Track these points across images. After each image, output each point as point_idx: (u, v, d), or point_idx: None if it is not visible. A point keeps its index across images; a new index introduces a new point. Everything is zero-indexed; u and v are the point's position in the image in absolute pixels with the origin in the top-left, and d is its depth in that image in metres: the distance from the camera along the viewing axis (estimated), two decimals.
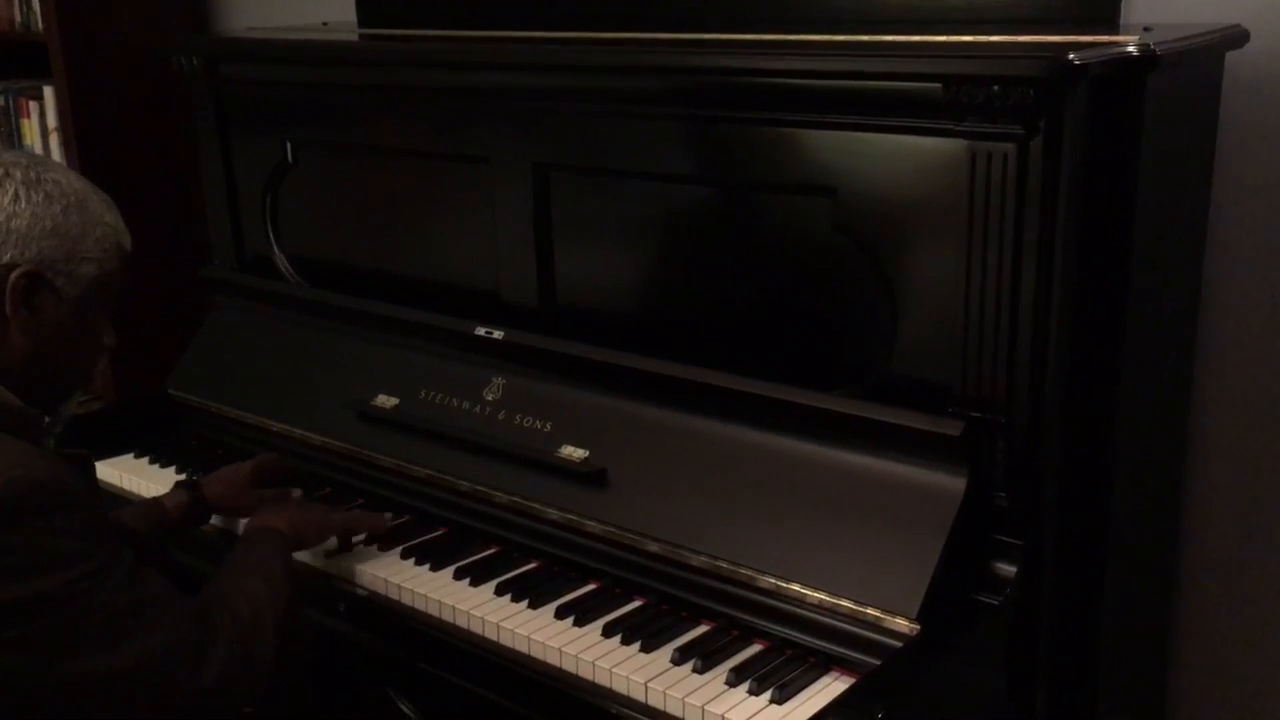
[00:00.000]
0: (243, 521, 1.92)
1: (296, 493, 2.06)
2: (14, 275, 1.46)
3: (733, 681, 1.54)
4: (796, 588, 1.61)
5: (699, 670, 1.56)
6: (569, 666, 1.61)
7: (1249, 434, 2.06)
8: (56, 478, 1.40)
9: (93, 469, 1.62)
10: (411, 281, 2.21)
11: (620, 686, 1.57)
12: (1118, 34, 1.69)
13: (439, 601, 1.75)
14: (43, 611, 1.38)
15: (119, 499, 2.18)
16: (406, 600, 1.78)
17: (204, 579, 1.66)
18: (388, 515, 1.99)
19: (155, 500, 1.96)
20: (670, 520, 1.73)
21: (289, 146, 2.33)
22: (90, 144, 3.06)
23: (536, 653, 1.65)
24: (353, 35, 2.51)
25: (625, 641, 1.63)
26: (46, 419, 1.60)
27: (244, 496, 1.98)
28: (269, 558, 1.70)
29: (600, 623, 1.67)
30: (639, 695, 1.55)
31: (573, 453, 1.85)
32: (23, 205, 1.46)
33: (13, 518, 1.36)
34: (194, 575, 1.75)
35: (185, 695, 1.48)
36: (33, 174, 1.48)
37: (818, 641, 1.59)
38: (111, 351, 1.64)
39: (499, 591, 1.76)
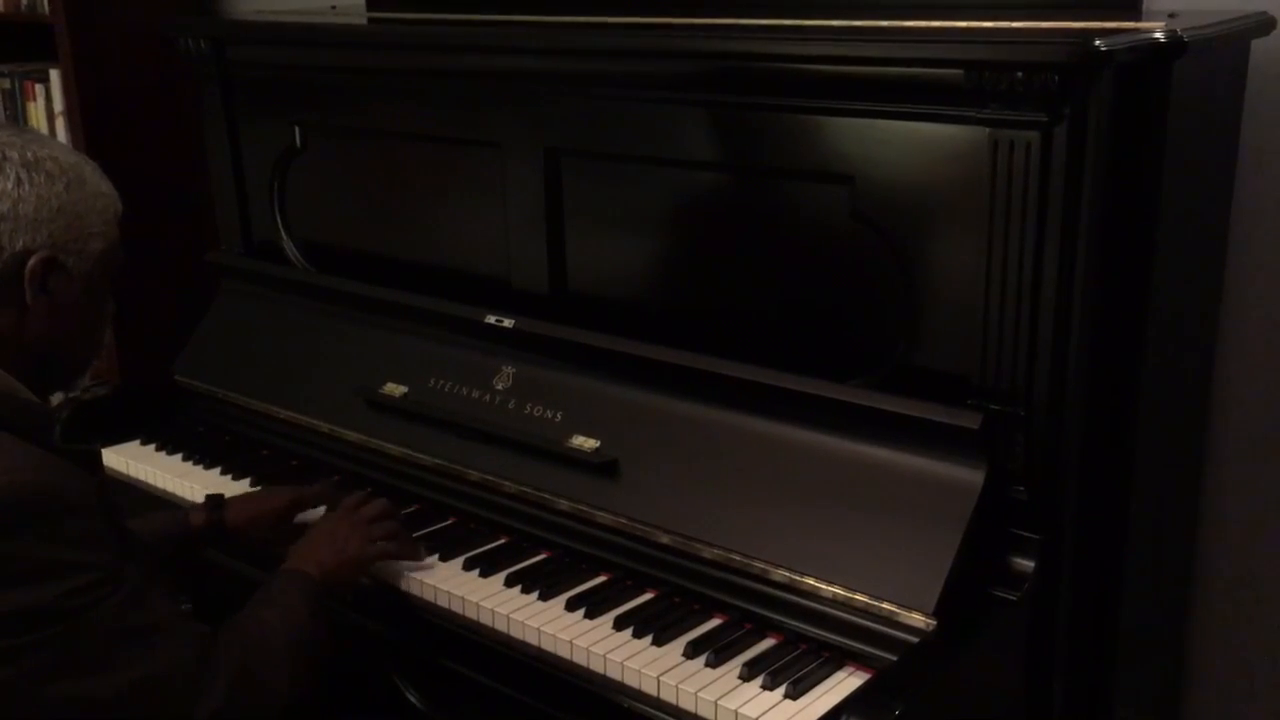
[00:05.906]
0: None
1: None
2: (31, 262, 1.41)
3: (746, 676, 1.52)
4: (811, 581, 1.59)
5: (712, 664, 1.54)
6: (580, 659, 1.60)
7: (1272, 428, 2.03)
8: (55, 483, 1.34)
9: (100, 464, 1.56)
10: (421, 268, 2.19)
11: (632, 680, 1.55)
12: (1142, 20, 1.67)
13: (448, 592, 1.73)
14: (34, 626, 1.31)
15: (124, 486, 2.17)
16: (415, 590, 1.77)
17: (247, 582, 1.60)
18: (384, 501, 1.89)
19: (183, 512, 1.89)
20: (682, 512, 1.71)
21: (297, 131, 2.31)
22: (96, 128, 3.04)
23: (547, 645, 1.63)
24: (361, 18, 2.48)
25: (637, 635, 1.61)
26: (60, 398, 1.54)
27: (273, 531, 1.86)
28: (289, 596, 1.60)
29: (612, 615, 1.65)
30: (651, 689, 1.53)
31: (584, 442, 1.82)
32: (27, 189, 1.41)
33: (7, 526, 1.30)
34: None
35: None
36: (29, 153, 1.42)
37: (832, 636, 1.57)
38: (111, 319, 1.58)
39: (509, 583, 1.74)
